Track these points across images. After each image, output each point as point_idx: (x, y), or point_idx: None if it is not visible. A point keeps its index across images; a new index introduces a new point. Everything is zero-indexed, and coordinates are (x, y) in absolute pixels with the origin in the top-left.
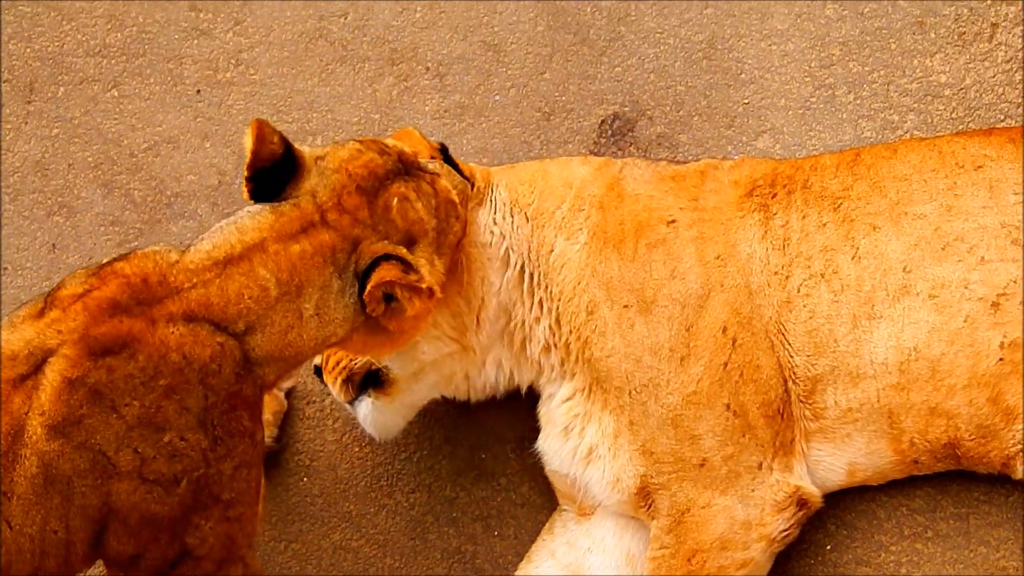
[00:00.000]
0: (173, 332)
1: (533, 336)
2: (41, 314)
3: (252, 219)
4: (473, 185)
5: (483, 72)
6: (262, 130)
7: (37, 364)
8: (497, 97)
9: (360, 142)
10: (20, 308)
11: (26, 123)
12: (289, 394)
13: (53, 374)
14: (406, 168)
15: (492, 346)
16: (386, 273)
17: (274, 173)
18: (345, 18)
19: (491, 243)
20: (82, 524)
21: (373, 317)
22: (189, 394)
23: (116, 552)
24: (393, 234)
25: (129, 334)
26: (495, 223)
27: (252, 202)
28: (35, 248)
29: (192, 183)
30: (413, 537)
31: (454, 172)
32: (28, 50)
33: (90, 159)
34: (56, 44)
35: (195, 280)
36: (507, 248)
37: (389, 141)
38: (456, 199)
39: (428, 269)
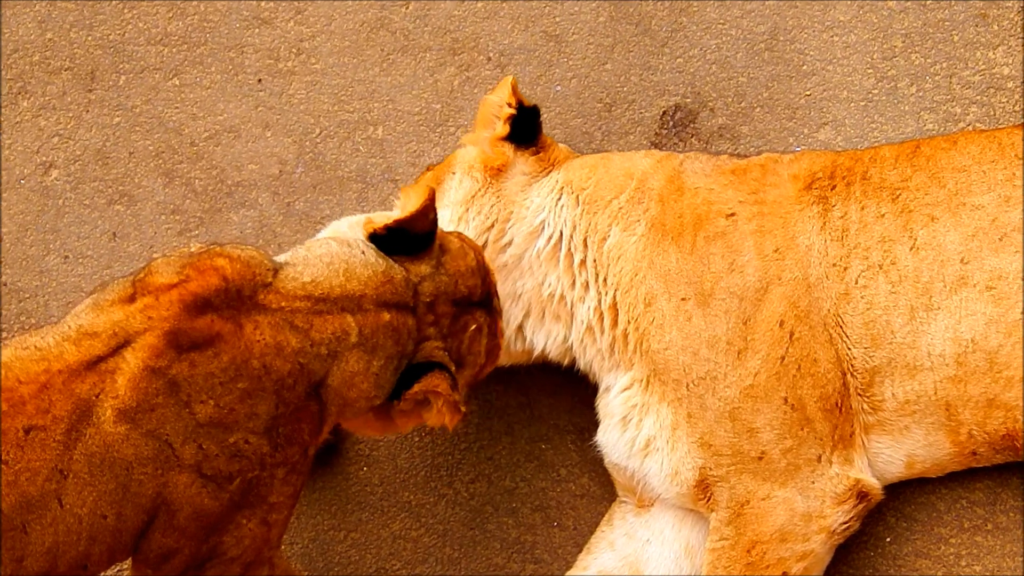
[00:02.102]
0: (259, 341)
1: (576, 314)
2: (132, 299)
3: (364, 269)
4: (539, 151)
5: (544, 63)
6: (429, 205)
7: (117, 347)
8: (558, 88)
9: (478, 261)
10: (107, 291)
11: (87, 111)
12: None
13: (135, 360)
14: (491, 301)
15: (520, 303)
16: (439, 384)
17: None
18: (407, 7)
19: (527, 209)
20: (132, 513)
21: (390, 403)
22: (262, 401)
23: (157, 547)
24: (453, 351)
25: (218, 334)
26: (537, 195)
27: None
28: (96, 236)
29: (253, 172)
30: (472, 527)
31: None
32: (89, 38)
33: (151, 148)
34: (118, 32)
35: (283, 304)
36: (542, 221)
37: (491, 267)
38: (503, 344)
39: (464, 394)
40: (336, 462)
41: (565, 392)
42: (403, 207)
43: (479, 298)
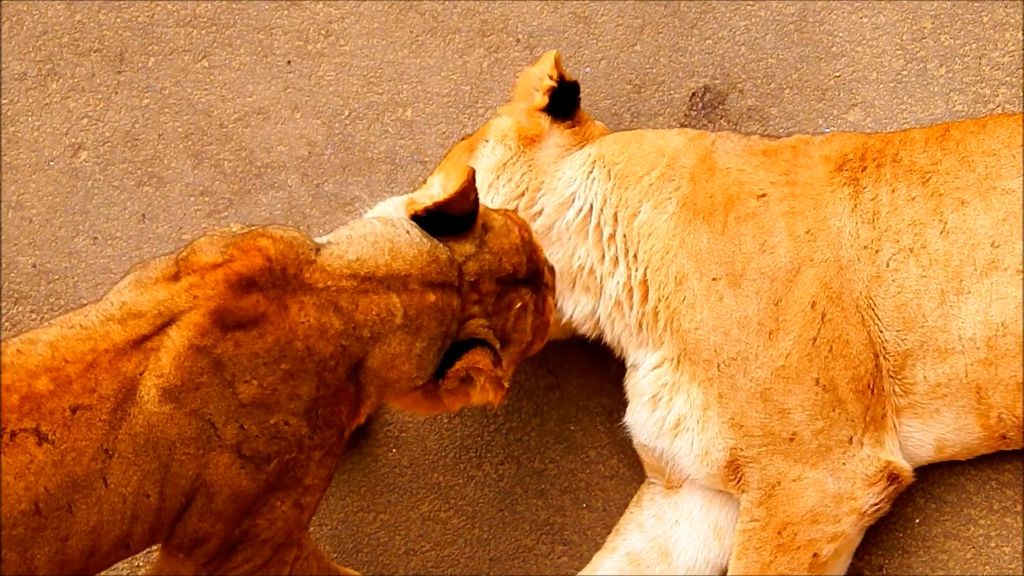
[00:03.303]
0: (303, 322)
1: (605, 288)
2: (176, 277)
3: (410, 248)
4: (574, 125)
5: (573, 44)
6: (470, 183)
7: (162, 326)
8: (587, 69)
9: (521, 236)
10: (149, 268)
11: (116, 93)
12: None
13: (180, 338)
14: (536, 277)
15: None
16: (481, 360)
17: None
18: None
19: (559, 180)
20: (173, 493)
21: (435, 382)
22: (304, 383)
23: (192, 530)
24: (498, 329)
25: (263, 314)
26: (569, 167)
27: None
28: (125, 218)
29: (282, 154)
30: (501, 509)
31: (554, 287)
32: (118, 20)
33: (180, 130)
34: (146, 14)
35: (330, 283)
36: (573, 192)
37: (537, 243)
38: (552, 321)
39: (508, 372)
40: (365, 444)
41: (594, 374)
42: (444, 187)
43: (525, 275)
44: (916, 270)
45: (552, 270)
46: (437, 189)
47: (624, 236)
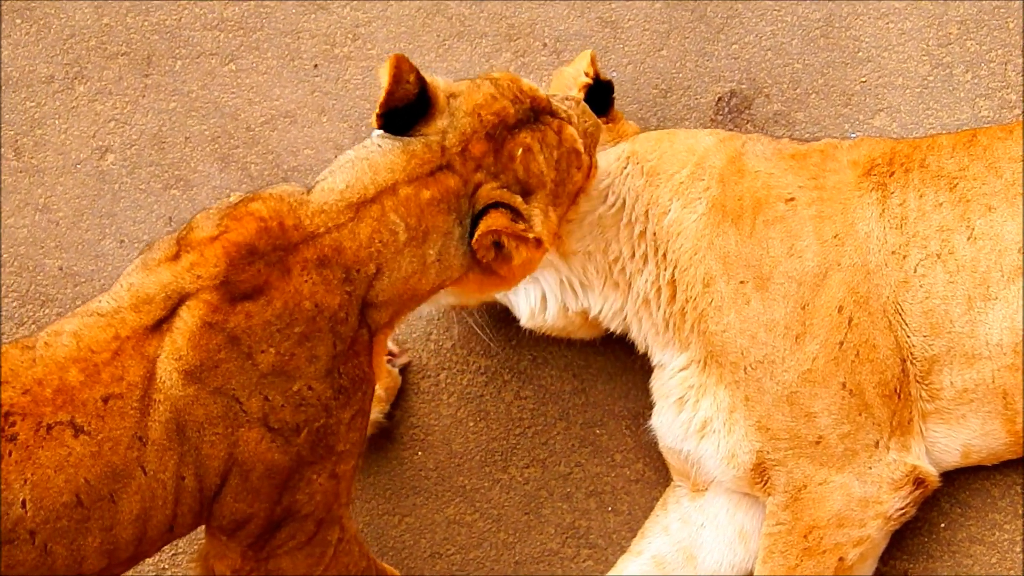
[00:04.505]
0: (307, 280)
1: (634, 285)
2: (177, 257)
3: (384, 157)
4: (608, 122)
5: (600, 48)
6: (400, 68)
7: (173, 308)
8: (614, 74)
9: (496, 85)
10: (153, 250)
11: (143, 96)
12: (404, 370)
13: (192, 318)
14: (536, 115)
15: (579, 261)
16: (493, 222)
17: (407, 108)
18: None
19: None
20: (208, 475)
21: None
22: (320, 342)
23: (230, 511)
24: (512, 183)
25: (267, 281)
26: (603, 161)
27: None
28: (151, 221)
29: (309, 157)
30: (527, 512)
31: (588, 112)
32: (146, 23)
33: (207, 133)
34: (174, 17)
35: (329, 224)
36: (607, 187)
37: (525, 84)
38: (580, 148)
39: (541, 219)
40: (391, 447)
41: (620, 378)
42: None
43: (516, 118)
44: (943, 275)
45: (570, 100)
46: None
47: (654, 234)
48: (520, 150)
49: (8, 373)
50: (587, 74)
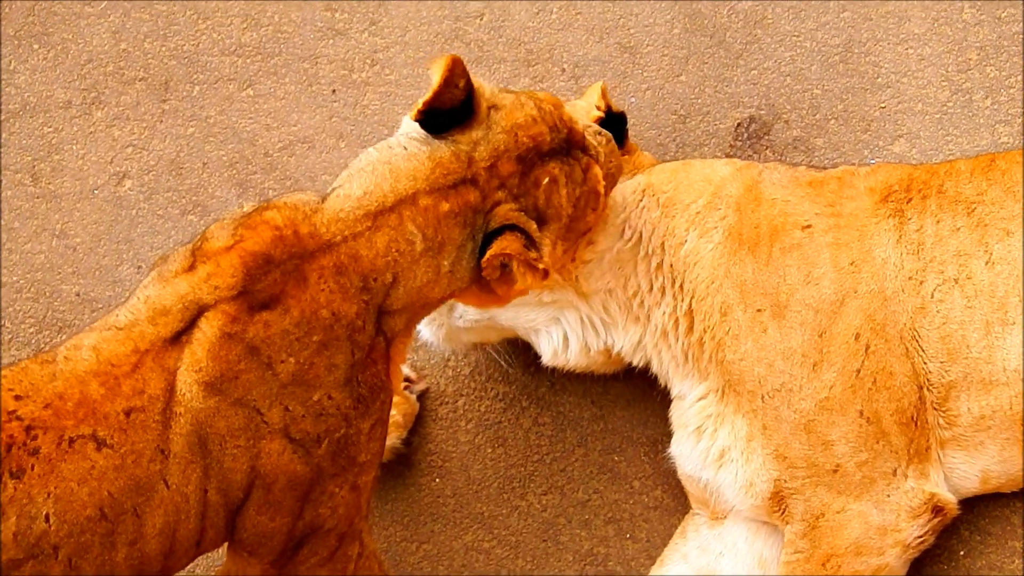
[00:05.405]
0: (324, 288)
1: (652, 318)
2: (193, 268)
3: (408, 163)
4: (623, 154)
5: (619, 74)
6: (453, 72)
7: (191, 319)
8: (633, 99)
9: (539, 108)
10: (168, 262)
11: (161, 121)
12: (422, 396)
13: (211, 329)
14: (569, 147)
15: (600, 299)
16: (508, 245)
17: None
18: (481, 19)
19: (609, 209)
20: (231, 488)
21: (482, 279)
22: (338, 351)
23: (252, 525)
24: (530, 209)
25: (283, 290)
26: (619, 195)
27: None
28: (169, 246)
29: (327, 183)
30: (545, 539)
31: (615, 153)
32: (163, 48)
33: (225, 158)
34: (192, 43)
35: (346, 232)
36: (624, 221)
37: (567, 112)
38: (601, 191)
39: (548, 250)
40: (408, 474)
41: (639, 404)
42: (432, 81)
43: (550, 147)
44: (961, 301)
45: (602, 137)
46: None
47: (671, 265)
48: (546, 179)
49: (29, 387)
50: (599, 107)
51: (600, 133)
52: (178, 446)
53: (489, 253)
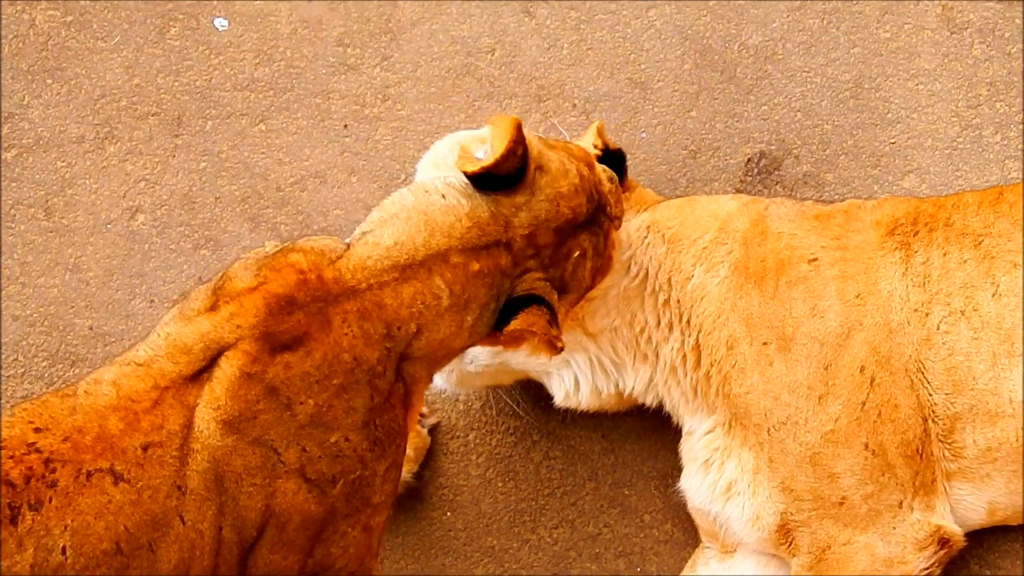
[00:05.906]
0: (347, 333)
1: (661, 354)
2: (215, 308)
3: (444, 217)
4: (624, 192)
5: (629, 109)
6: (517, 142)
7: (212, 358)
8: (643, 134)
9: (579, 175)
10: (189, 300)
11: (174, 156)
12: (433, 430)
13: (231, 368)
14: (596, 214)
15: (607, 338)
16: (535, 323)
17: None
18: (492, 54)
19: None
20: (246, 527)
21: (493, 333)
22: (358, 394)
23: (264, 563)
24: (556, 279)
25: (306, 332)
26: (624, 233)
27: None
28: (181, 281)
29: (339, 218)
30: (556, 573)
31: (620, 194)
32: (176, 84)
33: (237, 193)
34: (204, 78)
35: (372, 281)
36: (629, 258)
37: (597, 175)
38: (615, 256)
39: (561, 319)
40: (420, 507)
41: (649, 438)
42: (491, 143)
43: (585, 218)
44: (967, 332)
45: (617, 197)
46: (483, 151)
47: (678, 301)
48: (577, 252)
49: (48, 420)
50: (596, 145)
51: (612, 180)
52: (195, 483)
53: (515, 324)
